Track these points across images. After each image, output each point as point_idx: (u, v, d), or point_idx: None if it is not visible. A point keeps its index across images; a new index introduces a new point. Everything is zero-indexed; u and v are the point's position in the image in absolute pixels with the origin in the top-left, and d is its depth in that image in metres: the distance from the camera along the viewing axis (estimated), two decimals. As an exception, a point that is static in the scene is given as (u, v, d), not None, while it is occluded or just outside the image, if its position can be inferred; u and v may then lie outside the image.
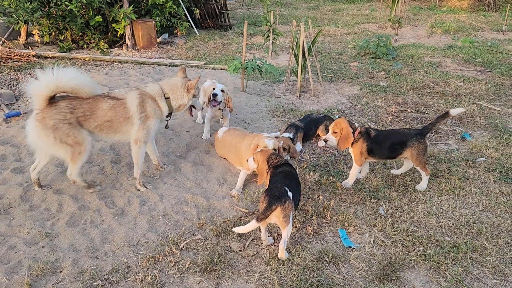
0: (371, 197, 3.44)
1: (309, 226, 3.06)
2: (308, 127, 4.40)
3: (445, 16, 12.70)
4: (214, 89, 4.29)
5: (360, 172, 3.73)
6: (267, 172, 3.10)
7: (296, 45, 5.97)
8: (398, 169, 3.85)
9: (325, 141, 3.59)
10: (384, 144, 3.50)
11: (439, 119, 3.54)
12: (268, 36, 8.01)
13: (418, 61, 7.63)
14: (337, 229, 3.05)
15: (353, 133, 3.49)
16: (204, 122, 4.72)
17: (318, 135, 4.52)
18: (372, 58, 7.91)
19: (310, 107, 5.46)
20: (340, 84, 6.46)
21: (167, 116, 3.63)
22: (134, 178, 3.60)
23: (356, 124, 3.53)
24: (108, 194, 3.45)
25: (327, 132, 3.93)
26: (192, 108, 3.83)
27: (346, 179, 3.68)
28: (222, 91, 4.31)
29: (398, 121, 4.98)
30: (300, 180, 3.09)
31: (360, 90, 6.12)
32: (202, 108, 4.32)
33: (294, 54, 6.03)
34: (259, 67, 5.80)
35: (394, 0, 11.33)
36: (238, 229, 2.66)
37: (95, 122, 3.33)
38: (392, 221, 3.12)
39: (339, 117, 4.98)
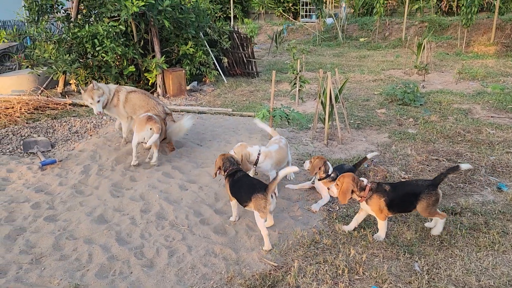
0: (405, 251, 3.32)
1: (340, 282, 2.96)
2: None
3: (472, 62, 12.65)
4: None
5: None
6: (220, 173, 3.79)
7: (323, 93, 6.03)
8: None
9: (328, 188, 3.70)
10: (400, 197, 3.43)
11: (449, 171, 3.49)
12: (295, 84, 8.15)
13: (447, 107, 7.55)
14: (371, 286, 2.94)
15: (363, 190, 3.45)
16: None
17: None
18: (400, 104, 7.89)
19: (338, 155, 5.43)
20: (367, 131, 6.43)
21: None
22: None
23: (365, 181, 3.48)
24: (138, 245, 3.46)
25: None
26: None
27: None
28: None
29: (429, 170, 4.88)
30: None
31: (389, 137, 6.07)
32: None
33: (321, 102, 6.08)
34: (287, 115, 5.86)
35: (419, 47, 11.42)
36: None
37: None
38: (429, 279, 2.98)
39: (368, 166, 4.92)
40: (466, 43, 14.88)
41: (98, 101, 5.10)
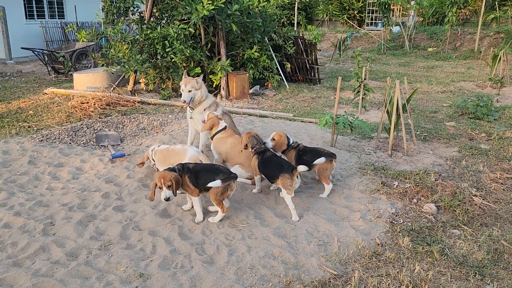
0: (475, 273, 3.12)
1: (404, 298, 2.84)
2: None
3: (553, 76, 11.71)
4: None
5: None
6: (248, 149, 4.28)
7: (389, 102, 5.85)
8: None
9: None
10: (199, 178, 3.75)
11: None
12: (359, 92, 7.98)
13: (524, 124, 7.04)
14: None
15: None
16: None
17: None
18: (471, 118, 7.47)
19: (403, 167, 5.23)
20: (435, 144, 6.14)
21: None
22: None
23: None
24: (199, 241, 3.53)
25: None
26: None
27: (445, 249, 3.39)
28: None
29: (503, 189, 4.56)
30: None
31: (459, 152, 5.76)
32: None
33: (387, 111, 5.90)
34: (350, 122, 5.74)
35: (494, 59, 10.76)
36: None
37: None
38: (502, 304, 2.78)
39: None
40: (547, 56, 13.81)
41: (190, 91, 5.13)
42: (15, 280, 2.99)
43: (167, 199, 3.58)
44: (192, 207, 4.02)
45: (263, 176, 4.24)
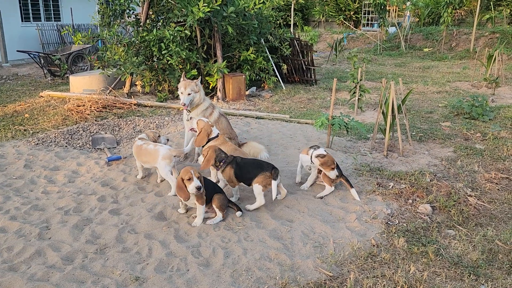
0: (470, 273, 3.13)
1: (399, 299, 2.85)
2: None
3: (548, 75, 11.78)
4: None
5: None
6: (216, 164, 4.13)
7: (384, 103, 5.88)
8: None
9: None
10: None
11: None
12: (355, 93, 8.00)
13: (519, 123, 7.07)
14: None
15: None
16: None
17: None
18: (466, 118, 7.50)
19: (398, 167, 5.26)
20: (430, 144, 6.17)
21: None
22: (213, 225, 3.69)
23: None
24: (195, 243, 3.54)
25: None
26: None
27: (440, 249, 3.40)
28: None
29: (498, 189, 4.59)
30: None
31: (454, 152, 5.78)
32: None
33: (382, 112, 5.92)
34: (346, 124, 5.76)
35: (489, 59, 10.81)
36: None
37: None
38: (497, 304, 2.80)
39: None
40: (542, 56, 13.89)
41: (189, 94, 5.09)
42: (10, 284, 2.99)
43: (199, 188, 3.60)
44: (187, 211, 4.02)
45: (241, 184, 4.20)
